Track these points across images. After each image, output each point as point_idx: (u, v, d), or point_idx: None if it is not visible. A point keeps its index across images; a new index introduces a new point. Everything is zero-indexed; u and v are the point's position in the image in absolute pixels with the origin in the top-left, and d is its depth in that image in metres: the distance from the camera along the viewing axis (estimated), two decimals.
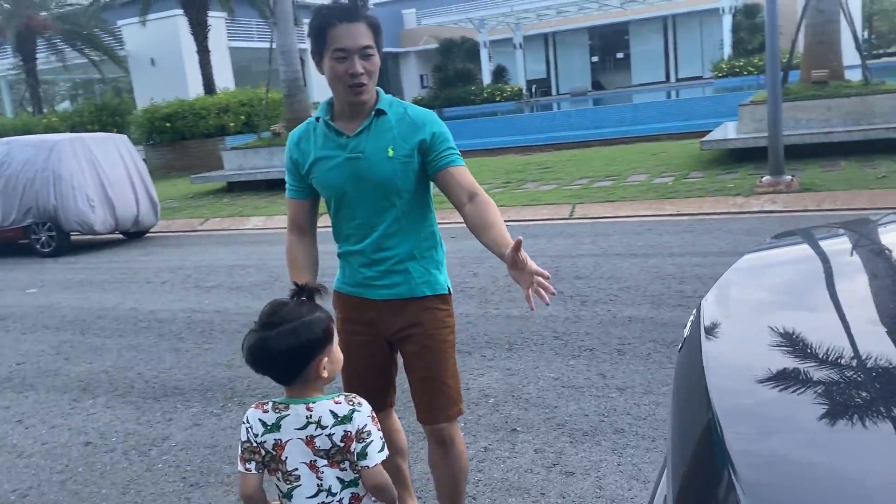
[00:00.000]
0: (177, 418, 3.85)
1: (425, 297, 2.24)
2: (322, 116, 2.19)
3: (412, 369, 2.30)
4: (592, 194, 8.99)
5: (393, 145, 2.12)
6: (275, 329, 1.66)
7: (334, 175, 2.15)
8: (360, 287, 2.25)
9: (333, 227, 2.28)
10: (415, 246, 2.22)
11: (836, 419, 1.04)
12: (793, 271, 1.82)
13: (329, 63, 2.05)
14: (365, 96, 2.10)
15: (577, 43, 36.42)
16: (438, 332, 2.25)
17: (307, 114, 14.21)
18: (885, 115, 9.58)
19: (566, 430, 3.23)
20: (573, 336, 4.33)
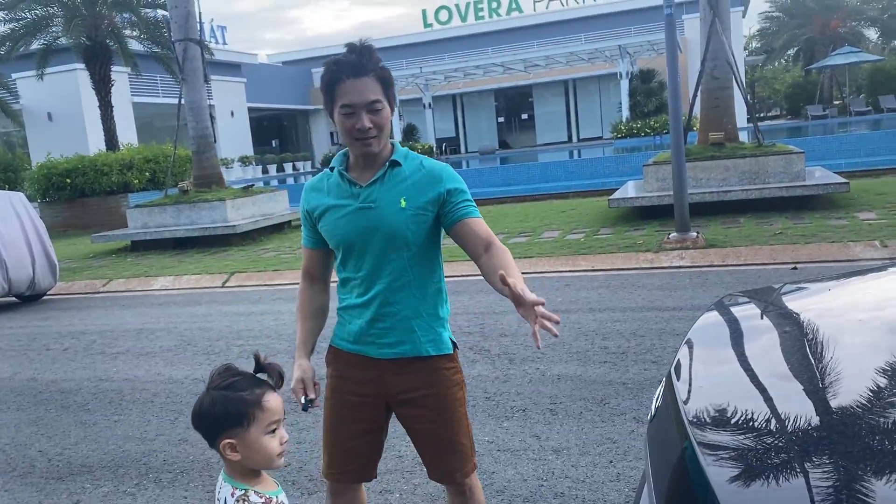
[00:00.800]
0: (85, 500, 3.55)
1: (430, 357, 2.19)
2: (337, 167, 2.19)
3: (420, 433, 2.23)
4: (510, 250, 9.09)
5: (406, 196, 2.12)
6: (209, 393, 1.66)
7: (344, 224, 2.13)
8: (362, 344, 2.20)
9: (340, 277, 2.24)
10: (421, 302, 2.17)
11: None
12: (747, 337, 1.86)
13: (338, 118, 2.06)
14: (374, 148, 2.09)
15: (484, 104, 37.54)
16: (448, 391, 2.20)
17: (217, 170, 13.94)
18: (778, 174, 10.23)
19: (506, 496, 3.17)
20: (504, 396, 4.30)
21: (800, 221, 9.12)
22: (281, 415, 1.69)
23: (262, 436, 1.63)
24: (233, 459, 1.64)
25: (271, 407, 1.65)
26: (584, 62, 31.25)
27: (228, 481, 1.66)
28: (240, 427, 1.61)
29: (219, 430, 1.63)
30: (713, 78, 11.06)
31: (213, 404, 1.63)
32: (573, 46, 30.27)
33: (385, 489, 3.34)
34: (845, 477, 1.06)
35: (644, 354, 4.75)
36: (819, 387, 1.37)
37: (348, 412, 2.25)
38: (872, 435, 1.14)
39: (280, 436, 1.67)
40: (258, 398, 1.63)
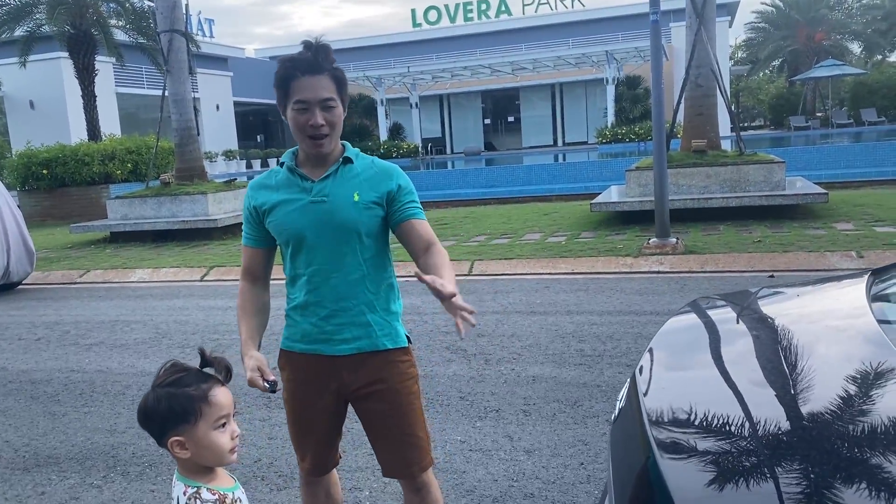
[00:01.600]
0: (50, 491, 3.50)
1: (387, 350, 2.19)
2: (287, 162, 2.18)
3: (377, 428, 2.23)
4: (491, 251, 9.13)
5: (359, 191, 2.13)
6: (154, 390, 1.63)
7: (295, 217, 2.12)
8: (318, 343, 2.19)
9: (289, 274, 2.22)
10: (375, 297, 2.18)
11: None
12: (712, 339, 1.87)
13: (291, 114, 2.06)
14: (325, 148, 2.11)
15: (471, 105, 37.58)
16: (403, 385, 2.22)
17: (199, 164, 13.84)
18: (758, 183, 10.31)
19: (475, 496, 3.16)
20: (479, 396, 4.29)
21: (779, 230, 9.19)
22: (230, 409, 1.65)
23: (211, 431, 1.60)
24: (182, 457, 1.61)
25: (219, 401, 1.62)
26: (572, 67, 31.38)
27: (181, 479, 1.64)
28: (186, 423, 1.58)
29: (166, 427, 1.60)
30: (697, 86, 11.13)
31: (158, 401, 1.59)
32: (561, 51, 30.38)
33: (355, 486, 3.33)
34: (805, 482, 1.06)
35: (619, 358, 4.76)
36: (787, 392, 1.37)
37: (311, 414, 2.27)
38: (837, 441, 1.14)
39: (231, 430, 1.64)
40: (204, 393, 1.60)
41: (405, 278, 4.11)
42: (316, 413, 2.26)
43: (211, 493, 1.60)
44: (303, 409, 2.28)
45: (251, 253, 2.28)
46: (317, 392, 2.24)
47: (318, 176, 2.15)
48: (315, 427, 2.29)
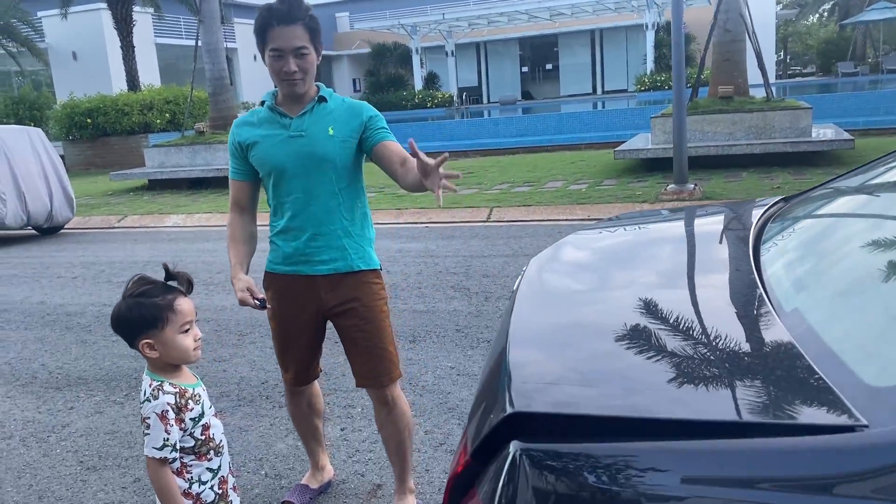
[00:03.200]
0: (78, 407, 3.88)
1: (361, 271, 2.45)
2: (267, 102, 2.41)
3: (352, 340, 2.49)
4: (510, 199, 9.28)
5: (333, 125, 2.36)
6: (125, 300, 1.87)
7: (276, 150, 2.36)
8: (298, 264, 2.43)
9: (272, 204, 2.45)
10: (350, 223, 2.43)
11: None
12: (612, 243, 2.03)
13: (268, 60, 2.29)
14: (299, 89, 2.32)
15: (508, 53, 37.07)
16: (375, 303, 2.47)
17: (233, 113, 14.13)
18: (784, 130, 10.21)
19: (456, 413, 3.43)
20: (473, 329, 4.54)
21: (800, 177, 9.15)
22: (193, 316, 1.90)
23: (177, 335, 1.86)
24: (152, 357, 1.88)
25: (182, 309, 1.87)
26: (611, 12, 30.67)
27: (149, 374, 1.90)
28: (154, 329, 1.84)
29: (136, 332, 1.86)
30: (725, 31, 10.96)
31: (129, 310, 1.85)
32: None
33: (349, 404, 3.62)
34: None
35: None
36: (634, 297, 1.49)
37: (293, 329, 2.54)
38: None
39: (194, 333, 1.90)
40: (170, 303, 1.86)
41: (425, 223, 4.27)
42: (297, 328, 2.52)
43: (172, 386, 1.87)
44: (285, 324, 2.54)
45: (238, 185, 2.51)
46: (297, 309, 2.49)
47: (296, 113, 2.37)
48: (296, 341, 2.55)
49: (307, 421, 2.76)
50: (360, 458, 3.09)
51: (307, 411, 2.75)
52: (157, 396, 1.84)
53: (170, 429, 1.83)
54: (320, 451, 2.85)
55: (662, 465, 0.97)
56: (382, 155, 2.37)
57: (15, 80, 27.99)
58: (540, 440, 1.04)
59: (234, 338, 4.82)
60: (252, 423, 3.53)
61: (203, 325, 5.05)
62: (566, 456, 1.06)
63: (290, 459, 3.15)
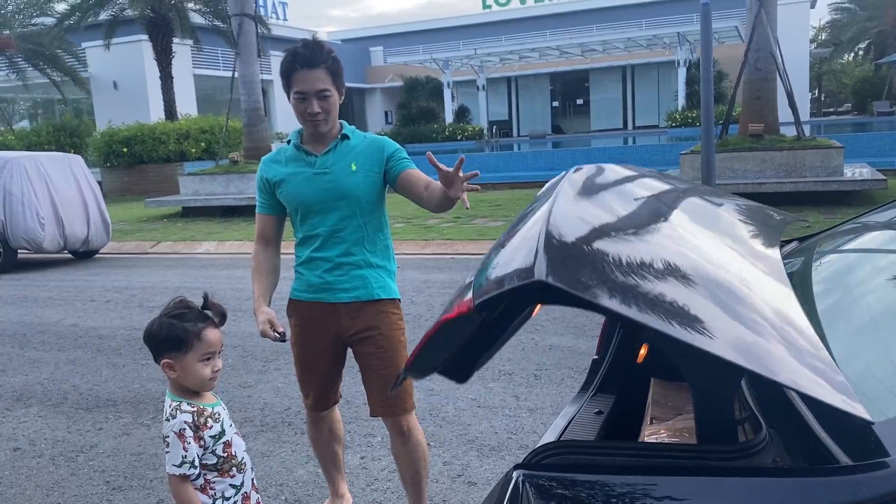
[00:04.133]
0: (107, 428, 3.97)
1: (381, 300, 2.53)
2: (293, 140, 2.53)
3: (369, 368, 2.56)
4: None
5: (356, 161, 2.47)
6: (160, 318, 1.98)
7: (302, 187, 2.46)
8: (322, 292, 2.52)
9: (299, 236, 2.55)
10: (372, 254, 2.53)
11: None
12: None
13: (293, 101, 2.41)
14: (322, 129, 2.44)
15: (539, 87, 37.37)
16: (393, 333, 2.54)
17: (267, 143, 14.43)
18: (815, 169, 10.16)
19: (475, 445, 3.45)
20: (494, 361, 4.55)
21: (831, 216, 9.07)
22: (217, 347, 1.98)
23: (197, 362, 1.94)
24: (171, 377, 1.96)
25: (209, 339, 1.95)
26: (643, 48, 30.83)
27: (169, 396, 1.99)
28: (178, 351, 1.93)
29: (162, 350, 1.95)
30: (756, 69, 10.98)
31: (161, 328, 1.94)
32: (632, 32, 29.89)
33: (369, 433, 3.66)
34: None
35: None
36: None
37: (314, 355, 2.62)
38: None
39: (213, 364, 1.97)
40: (199, 330, 1.94)
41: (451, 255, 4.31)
42: (318, 354, 2.60)
43: (190, 406, 1.94)
44: (307, 350, 2.61)
45: (265, 219, 2.61)
46: (319, 335, 2.57)
47: (321, 151, 2.48)
48: (317, 366, 2.62)
49: (328, 447, 2.81)
50: (378, 487, 3.12)
51: (328, 437, 2.80)
52: (176, 416, 1.92)
53: (188, 446, 1.90)
54: (340, 479, 2.90)
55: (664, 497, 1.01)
56: (407, 181, 2.46)
57: (57, 108, 28.89)
58: (543, 469, 1.07)
59: (260, 364, 4.89)
60: (274, 448, 3.58)
61: (230, 351, 5.15)
62: (570, 484, 1.09)
63: (309, 486, 3.19)
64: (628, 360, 2.16)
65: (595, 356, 2.25)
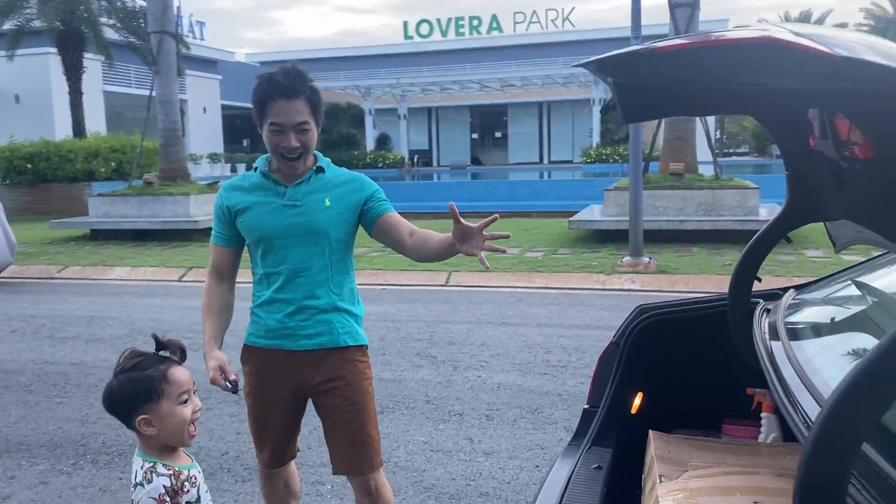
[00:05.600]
0: (20, 476, 3.58)
1: (347, 347, 2.32)
2: (260, 167, 2.32)
3: (334, 422, 2.35)
4: (468, 263, 9.24)
5: (330, 197, 2.28)
6: (116, 377, 1.75)
7: (268, 219, 2.26)
8: (281, 338, 2.30)
9: (258, 273, 2.34)
10: (338, 297, 2.33)
11: None
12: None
13: (267, 134, 2.20)
14: (298, 168, 2.26)
15: (459, 119, 37.86)
16: (360, 383, 2.34)
17: (183, 165, 13.91)
18: (733, 208, 10.55)
19: (433, 493, 3.29)
20: (444, 401, 4.42)
21: None
22: (190, 385, 1.77)
23: (175, 407, 1.73)
24: (150, 434, 1.73)
25: (178, 379, 1.74)
26: (560, 86, 31.73)
27: (141, 455, 1.75)
28: (150, 402, 1.71)
29: (132, 410, 1.72)
30: None
31: (121, 386, 1.72)
32: (549, 69, 30.73)
33: (318, 481, 3.44)
34: None
35: (582, 369, 4.91)
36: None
37: (271, 409, 2.39)
38: None
39: (193, 404, 1.77)
40: (163, 373, 1.72)
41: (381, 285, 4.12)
42: (275, 406, 2.38)
43: (166, 468, 1.72)
44: (263, 402, 2.39)
45: (220, 251, 2.39)
46: (277, 386, 2.35)
47: (292, 182, 2.29)
48: (274, 420, 2.40)
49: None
50: None
51: (283, 494, 2.58)
52: (151, 480, 1.69)
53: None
54: None
55: None
56: (388, 225, 2.31)
57: None
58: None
59: None
60: (214, 498, 3.30)
61: None
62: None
63: None
64: (622, 410, 2.08)
65: (586, 406, 2.16)
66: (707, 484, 1.68)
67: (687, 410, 2.10)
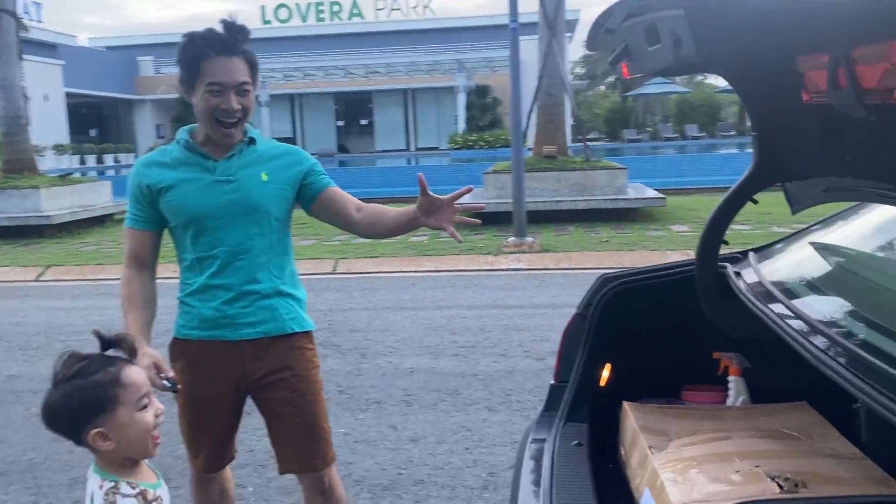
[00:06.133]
0: None
1: (294, 334, 2.12)
2: (183, 139, 2.07)
3: (280, 417, 2.14)
4: (353, 250, 9.08)
5: (267, 171, 2.07)
6: (57, 388, 1.47)
7: (199, 198, 2.02)
8: (220, 328, 2.07)
9: (188, 259, 2.09)
10: (281, 281, 2.12)
11: None
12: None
13: (203, 96, 1.95)
14: (234, 137, 2.03)
15: (324, 106, 37.12)
16: (309, 373, 2.15)
17: (30, 156, 12.75)
18: (603, 188, 10.97)
19: (365, 486, 3.15)
20: (358, 390, 4.26)
21: (622, 231, 9.83)
22: (148, 386, 1.54)
23: (135, 413, 1.48)
24: (107, 449, 1.47)
25: (134, 381, 1.49)
26: (424, 73, 31.84)
27: (98, 473, 1.49)
28: (104, 412, 1.45)
29: (81, 423, 1.45)
30: (548, 95, 11.67)
31: (66, 397, 1.45)
32: (413, 56, 30.73)
33: (238, 484, 3.18)
34: None
35: (492, 348, 4.91)
36: None
37: (208, 408, 2.15)
38: None
39: (156, 408, 1.53)
40: (115, 376, 1.47)
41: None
42: (214, 404, 2.15)
43: (130, 486, 1.47)
44: (199, 401, 2.15)
45: (139, 236, 2.11)
46: (216, 381, 2.13)
47: (222, 155, 2.06)
48: (213, 420, 2.17)
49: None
50: None
51: (218, 500, 2.36)
52: (115, 502, 1.44)
53: None
54: None
55: None
56: (332, 201, 2.15)
57: None
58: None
59: None
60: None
61: (28, 398, 4.30)
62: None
63: None
64: (592, 383, 2.04)
65: (553, 381, 2.10)
66: (701, 452, 1.66)
67: (651, 380, 2.09)
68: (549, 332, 5.22)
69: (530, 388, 4.12)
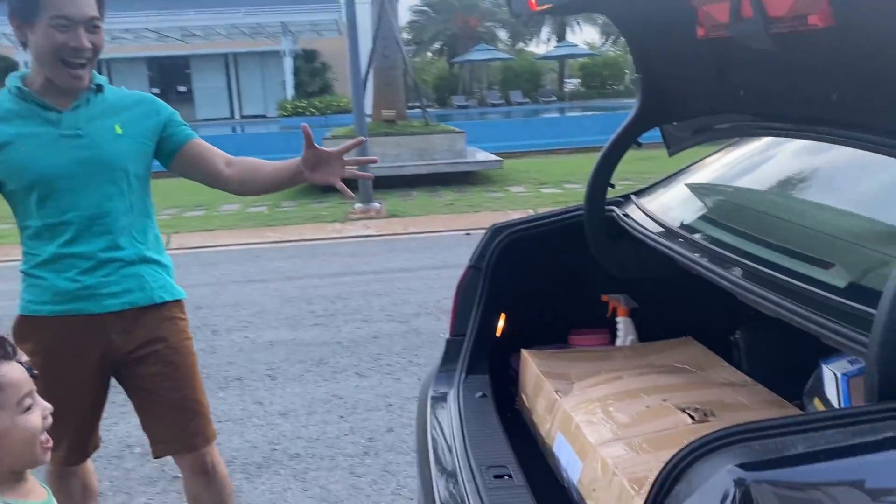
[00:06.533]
0: None
1: (164, 304, 1.91)
2: (14, 86, 1.77)
3: (153, 394, 1.92)
4: (186, 224, 8.56)
5: (120, 123, 1.82)
6: None
7: (43, 155, 1.74)
8: (79, 301, 1.82)
9: (33, 226, 1.81)
10: (144, 247, 1.89)
11: None
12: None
13: (46, 31, 1.68)
14: (83, 80, 1.77)
15: (135, 73, 34.44)
16: (183, 344, 1.95)
17: None
18: (443, 152, 11.08)
19: (237, 465, 2.96)
20: (215, 368, 4.00)
21: (464, 194, 10.00)
22: (31, 385, 1.29)
23: (17, 417, 1.24)
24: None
25: (13, 380, 1.25)
26: (247, 37, 30.45)
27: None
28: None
29: None
30: (384, 57, 11.54)
31: None
32: (234, 18, 29.24)
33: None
34: None
35: (353, 315, 4.80)
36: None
37: (68, 391, 1.87)
38: None
39: (42, 408, 1.30)
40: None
41: None
42: (74, 387, 1.89)
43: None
44: (57, 384, 1.85)
45: None
46: (75, 361, 1.88)
47: (65, 105, 1.80)
48: (73, 405, 1.89)
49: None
50: None
51: (80, 497, 2.10)
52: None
53: None
54: None
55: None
56: (197, 154, 1.96)
57: None
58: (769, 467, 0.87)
59: None
60: None
61: None
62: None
63: None
64: (489, 334, 2.01)
65: (448, 336, 2.05)
66: (608, 391, 1.68)
67: (543, 326, 2.10)
68: (408, 294, 5.19)
69: (398, 351, 4.07)
